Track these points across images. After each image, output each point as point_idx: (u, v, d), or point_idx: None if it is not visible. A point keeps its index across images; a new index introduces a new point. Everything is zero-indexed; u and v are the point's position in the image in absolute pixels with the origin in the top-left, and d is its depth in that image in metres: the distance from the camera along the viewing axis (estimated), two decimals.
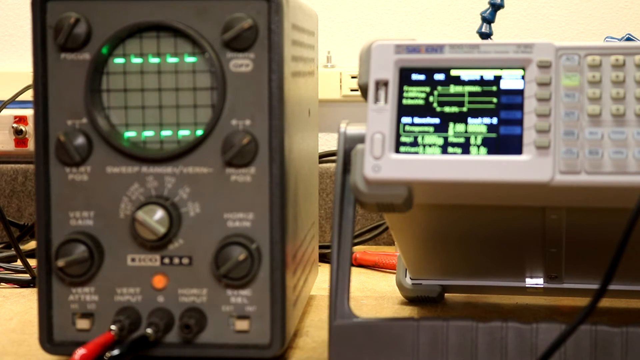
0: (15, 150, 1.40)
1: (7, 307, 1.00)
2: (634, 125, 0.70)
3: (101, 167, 0.77)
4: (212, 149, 0.76)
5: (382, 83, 0.73)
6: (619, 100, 0.70)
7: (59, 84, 0.77)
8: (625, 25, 1.40)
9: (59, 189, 0.78)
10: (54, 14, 0.77)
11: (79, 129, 0.77)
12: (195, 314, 0.77)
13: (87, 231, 0.78)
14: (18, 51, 1.47)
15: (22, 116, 1.39)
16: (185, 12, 0.76)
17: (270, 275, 0.77)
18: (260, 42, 0.76)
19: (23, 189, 1.42)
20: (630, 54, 0.71)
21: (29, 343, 0.85)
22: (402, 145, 0.73)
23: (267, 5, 0.75)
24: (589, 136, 0.70)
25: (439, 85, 0.73)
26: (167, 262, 0.77)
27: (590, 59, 0.71)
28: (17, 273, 1.14)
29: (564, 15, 1.41)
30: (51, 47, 0.77)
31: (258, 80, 0.76)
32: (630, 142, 0.69)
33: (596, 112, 0.70)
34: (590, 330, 0.73)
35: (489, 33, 1.18)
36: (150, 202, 0.76)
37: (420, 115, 0.73)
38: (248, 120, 0.76)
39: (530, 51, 0.72)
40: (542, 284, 0.92)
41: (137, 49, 0.77)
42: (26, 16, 1.13)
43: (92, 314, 0.78)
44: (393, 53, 0.73)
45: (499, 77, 0.73)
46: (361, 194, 0.73)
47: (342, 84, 1.40)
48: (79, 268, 0.77)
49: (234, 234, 0.77)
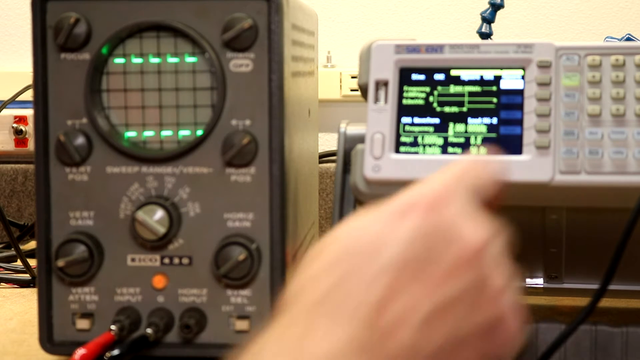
0: (15, 150, 1.40)
1: (7, 307, 1.00)
2: (634, 125, 0.70)
3: (101, 167, 0.77)
4: (212, 149, 0.76)
5: (382, 83, 0.73)
6: (619, 100, 0.70)
7: (59, 84, 0.77)
8: (625, 25, 1.40)
9: (59, 189, 0.78)
10: (54, 14, 0.77)
11: (79, 129, 0.77)
12: (195, 314, 0.77)
13: (87, 231, 0.78)
14: (18, 51, 1.47)
15: (22, 116, 1.39)
16: (185, 12, 0.76)
17: (270, 275, 0.77)
18: (260, 42, 0.76)
19: (23, 189, 1.42)
20: (630, 54, 0.71)
21: (29, 343, 0.85)
22: (402, 145, 0.72)
23: (267, 5, 0.75)
24: (589, 136, 0.70)
25: (439, 85, 0.73)
26: (167, 262, 0.77)
27: (590, 59, 0.71)
28: (17, 273, 1.14)
29: (564, 15, 1.41)
30: (51, 47, 0.77)
31: (258, 80, 0.76)
32: (630, 142, 0.69)
33: (596, 112, 0.70)
34: (590, 330, 0.73)
35: (489, 33, 1.17)
36: (150, 202, 0.76)
37: (420, 115, 0.73)
38: (248, 120, 0.76)
39: (530, 51, 0.72)
40: (542, 284, 0.92)
41: (137, 49, 0.77)
42: (26, 16, 1.13)
43: (92, 314, 0.78)
44: (393, 53, 0.73)
45: (499, 77, 0.73)
46: (361, 194, 0.73)
47: (342, 84, 1.40)
48: (79, 268, 0.77)
49: (234, 234, 0.77)
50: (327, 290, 0.50)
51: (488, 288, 0.52)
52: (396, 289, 0.50)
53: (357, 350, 0.48)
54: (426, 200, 0.53)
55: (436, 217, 0.52)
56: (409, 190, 0.54)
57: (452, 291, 0.51)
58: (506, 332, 0.53)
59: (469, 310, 0.51)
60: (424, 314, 0.50)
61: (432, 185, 0.54)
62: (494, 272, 0.53)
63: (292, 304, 0.51)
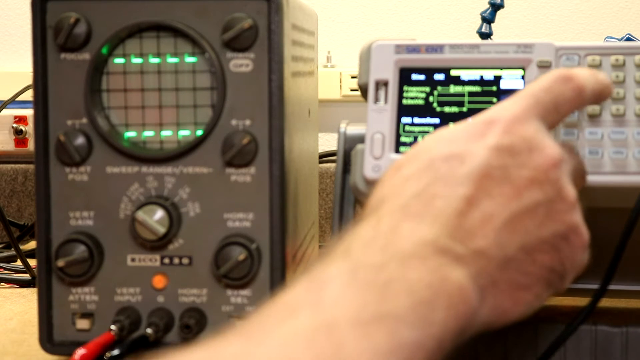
0: (15, 150, 1.40)
1: (7, 307, 1.00)
2: (634, 125, 0.70)
3: (101, 167, 0.77)
4: (212, 149, 0.76)
5: (382, 83, 0.73)
6: (619, 100, 0.70)
7: (59, 84, 0.77)
8: (625, 25, 1.40)
9: (59, 189, 0.78)
10: (54, 14, 0.77)
11: (79, 129, 0.77)
12: (195, 314, 0.77)
13: (87, 231, 0.78)
14: (18, 51, 1.48)
15: (22, 116, 1.39)
16: (185, 12, 0.76)
17: (270, 275, 0.77)
18: (260, 42, 0.76)
19: (23, 189, 1.42)
20: (630, 54, 0.71)
21: (29, 343, 0.85)
22: (402, 145, 0.73)
23: (267, 5, 0.75)
24: (589, 136, 0.70)
25: (439, 85, 0.73)
26: (167, 262, 0.77)
27: (590, 59, 0.71)
28: (17, 273, 1.14)
29: (564, 15, 1.41)
30: (51, 47, 0.77)
31: (258, 80, 0.76)
32: (630, 142, 0.69)
33: (596, 112, 0.70)
34: (590, 330, 0.73)
35: (489, 33, 1.17)
36: (150, 202, 0.76)
37: (420, 115, 0.73)
38: (248, 120, 0.76)
39: (530, 51, 0.72)
40: None
41: (137, 49, 0.77)
42: (26, 16, 1.13)
43: (92, 314, 0.78)
44: (393, 53, 0.73)
45: (499, 77, 0.73)
46: (361, 194, 0.73)
47: (342, 84, 1.40)
48: (79, 268, 0.77)
49: (234, 234, 0.77)
50: (413, 194, 0.54)
51: (563, 199, 0.57)
52: (478, 195, 0.54)
53: (441, 247, 0.52)
54: (508, 115, 0.58)
55: (519, 129, 0.57)
56: (491, 109, 0.59)
57: (533, 198, 0.55)
58: (575, 245, 0.58)
59: (546, 218, 0.56)
60: (504, 219, 0.54)
61: (511, 105, 0.59)
62: (568, 185, 0.57)
63: (378, 208, 0.55)
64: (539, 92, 0.61)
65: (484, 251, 0.53)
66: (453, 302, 0.50)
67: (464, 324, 0.51)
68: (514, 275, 0.55)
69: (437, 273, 0.51)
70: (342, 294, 0.48)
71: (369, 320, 0.47)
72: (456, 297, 0.51)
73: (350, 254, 0.51)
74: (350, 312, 0.47)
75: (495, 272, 0.54)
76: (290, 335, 0.46)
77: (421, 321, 0.49)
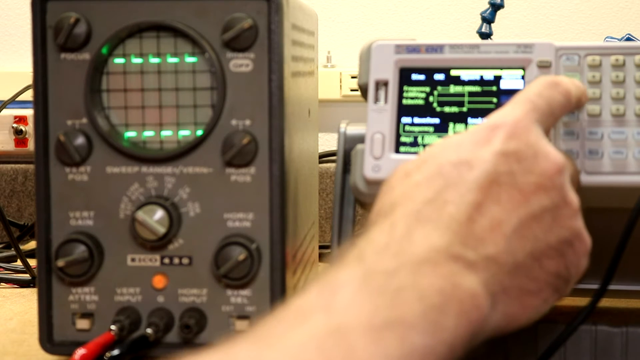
0: (15, 150, 1.40)
1: (7, 307, 1.00)
2: (634, 125, 0.70)
3: (101, 167, 0.77)
4: (212, 149, 0.76)
5: (382, 83, 0.73)
6: (619, 100, 0.70)
7: (59, 84, 0.77)
8: (625, 25, 1.40)
9: (59, 189, 0.78)
10: (54, 14, 0.77)
11: (79, 129, 0.77)
12: (195, 314, 0.77)
13: (87, 231, 0.78)
14: (18, 51, 1.47)
15: (22, 116, 1.39)
16: (185, 12, 0.76)
17: (270, 275, 0.77)
18: (260, 42, 0.76)
19: (23, 189, 1.42)
20: (630, 54, 0.71)
21: (29, 343, 0.85)
22: (402, 145, 0.72)
23: (267, 5, 0.75)
24: (589, 136, 0.70)
25: (439, 85, 0.73)
26: (167, 262, 0.77)
27: (590, 59, 0.71)
28: (17, 273, 1.14)
29: (564, 15, 1.41)
30: (51, 47, 0.77)
31: (258, 80, 0.76)
32: (630, 142, 0.69)
33: (596, 112, 0.70)
34: (590, 330, 0.73)
35: (489, 33, 1.17)
36: (150, 202, 0.76)
37: (420, 115, 0.73)
38: (248, 120, 0.76)
39: (530, 51, 0.72)
40: None
41: (137, 49, 0.77)
42: (26, 16, 1.13)
43: (92, 314, 0.78)
44: (393, 53, 0.73)
45: (499, 77, 0.73)
46: (361, 194, 0.73)
47: (342, 84, 1.40)
48: (79, 268, 0.77)
49: (234, 234, 0.77)
50: (426, 200, 0.55)
51: (568, 205, 0.58)
52: (487, 201, 0.55)
53: (453, 254, 0.52)
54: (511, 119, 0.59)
55: (523, 134, 0.58)
56: (493, 115, 0.60)
57: (540, 203, 0.56)
58: (579, 250, 0.58)
59: (552, 224, 0.57)
60: (513, 225, 0.55)
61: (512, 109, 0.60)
62: (571, 191, 0.58)
63: (390, 213, 0.55)
64: (534, 96, 0.61)
65: (495, 257, 0.54)
66: (464, 309, 0.51)
67: (475, 330, 0.51)
68: (523, 281, 0.55)
69: (449, 279, 0.51)
70: (354, 299, 0.49)
71: (380, 326, 0.47)
72: (468, 304, 0.51)
73: (364, 260, 0.52)
74: (362, 317, 0.48)
75: (505, 278, 0.54)
76: (302, 340, 0.46)
77: (432, 327, 0.49)
